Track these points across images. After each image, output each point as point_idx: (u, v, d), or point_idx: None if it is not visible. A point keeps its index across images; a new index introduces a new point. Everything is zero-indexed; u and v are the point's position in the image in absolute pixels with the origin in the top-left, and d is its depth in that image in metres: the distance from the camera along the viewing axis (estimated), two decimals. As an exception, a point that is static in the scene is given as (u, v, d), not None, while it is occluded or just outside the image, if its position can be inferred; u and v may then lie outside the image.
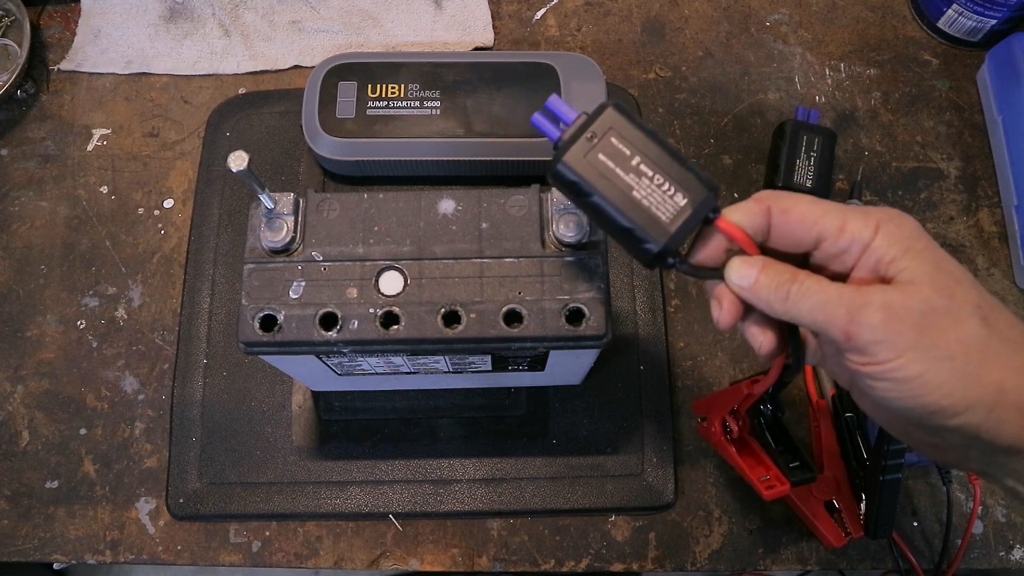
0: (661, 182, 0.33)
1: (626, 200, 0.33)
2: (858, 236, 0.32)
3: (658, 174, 0.33)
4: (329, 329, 0.39)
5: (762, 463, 0.48)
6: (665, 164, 0.34)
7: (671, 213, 0.33)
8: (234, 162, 0.36)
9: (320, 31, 0.66)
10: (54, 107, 0.64)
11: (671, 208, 0.33)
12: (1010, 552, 0.53)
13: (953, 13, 0.63)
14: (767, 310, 0.33)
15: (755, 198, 0.34)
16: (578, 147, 0.34)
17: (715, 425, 0.48)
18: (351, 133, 0.57)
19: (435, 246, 0.40)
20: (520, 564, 0.53)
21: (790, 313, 0.32)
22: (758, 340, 0.35)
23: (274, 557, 0.53)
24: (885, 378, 0.31)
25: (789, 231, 0.33)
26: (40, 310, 0.59)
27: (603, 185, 0.33)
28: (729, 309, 0.35)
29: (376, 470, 0.54)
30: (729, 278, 0.34)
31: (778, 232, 0.34)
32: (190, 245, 0.59)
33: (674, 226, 0.33)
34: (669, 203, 0.33)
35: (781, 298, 0.32)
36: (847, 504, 0.51)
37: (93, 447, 0.55)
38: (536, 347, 0.40)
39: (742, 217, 0.34)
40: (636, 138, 0.34)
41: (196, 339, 0.57)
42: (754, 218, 0.34)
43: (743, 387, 0.44)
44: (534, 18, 0.67)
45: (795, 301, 0.32)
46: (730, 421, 0.48)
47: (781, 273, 0.33)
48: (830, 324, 0.31)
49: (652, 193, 0.33)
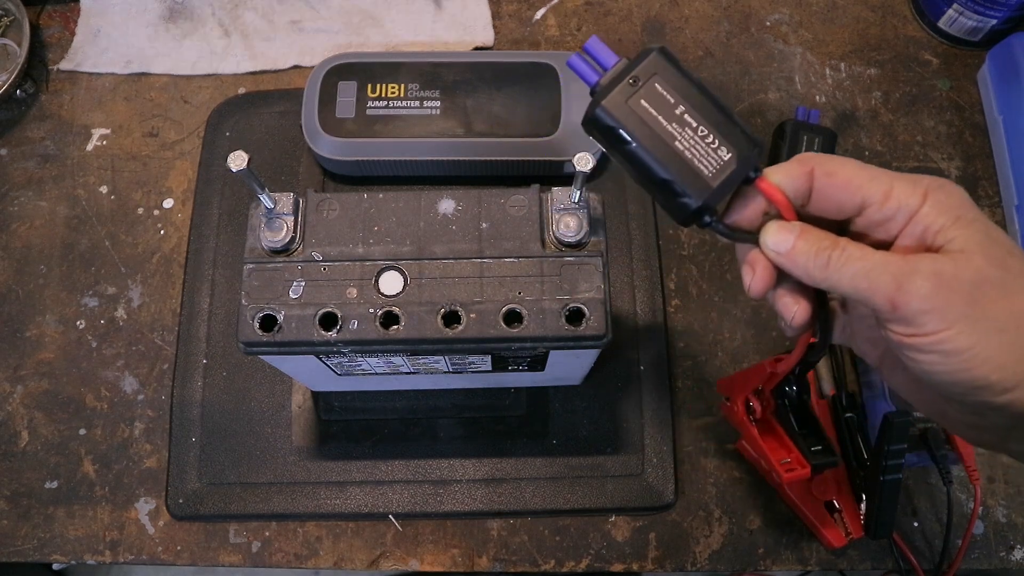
0: (705, 134, 0.31)
1: (667, 151, 0.31)
2: (905, 203, 0.31)
3: (703, 125, 0.32)
4: (329, 329, 0.39)
5: (784, 446, 0.47)
6: (711, 115, 0.32)
7: (714, 167, 0.32)
8: (234, 162, 0.36)
9: (320, 31, 0.66)
10: (54, 107, 0.64)
11: (714, 162, 0.32)
12: (1011, 552, 0.53)
13: (954, 13, 0.63)
14: (804, 278, 0.32)
15: (798, 159, 0.33)
16: (618, 92, 0.32)
17: (738, 405, 0.47)
18: (351, 133, 0.56)
19: (435, 246, 0.40)
20: (520, 564, 0.53)
21: (829, 280, 0.31)
22: (791, 310, 0.33)
23: (274, 557, 0.53)
24: (932, 350, 0.29)
25: (832, 195, 0.32)
26: (40, 310, 0.58)
27: (643, 133, 0.31)
28: (762, 276, 0.33)
29: (376, 470, 0.54)
30: (764, 243, 0.32)
31: (820, 196, 0.32)
32: (190, 245, 0.59)
33: (716, 181, 0.31)
34: (712, 157, 0.31)
35: (821, 264, 0.31)
36: (847, 504, 0.51)
37: (93, 447, 0.55)
38: (536, 347, 0.40)
39: (783, 178, 0.32)
40: (682, 86, 0.32)
41: (196, 339, 0.57)
42: (796, 180, 0.32)
43: (766, 365, 0.43)
44: (534, 18, 0.67)
45: (836, 268, 0.31)
46: (753, 401, 0.46)
47: (821, 239, 0.31)
48: (874, 292, 0.30)
49: (695, 145, 0.31)
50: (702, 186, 0.32)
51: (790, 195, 0.32)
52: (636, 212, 0.59)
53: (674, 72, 0.32)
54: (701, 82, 0.32)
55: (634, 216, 0.59)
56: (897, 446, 0.48)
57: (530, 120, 0.57)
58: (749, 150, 0.32)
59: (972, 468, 0.50)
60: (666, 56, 0.32)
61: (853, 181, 0.31)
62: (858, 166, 0.32)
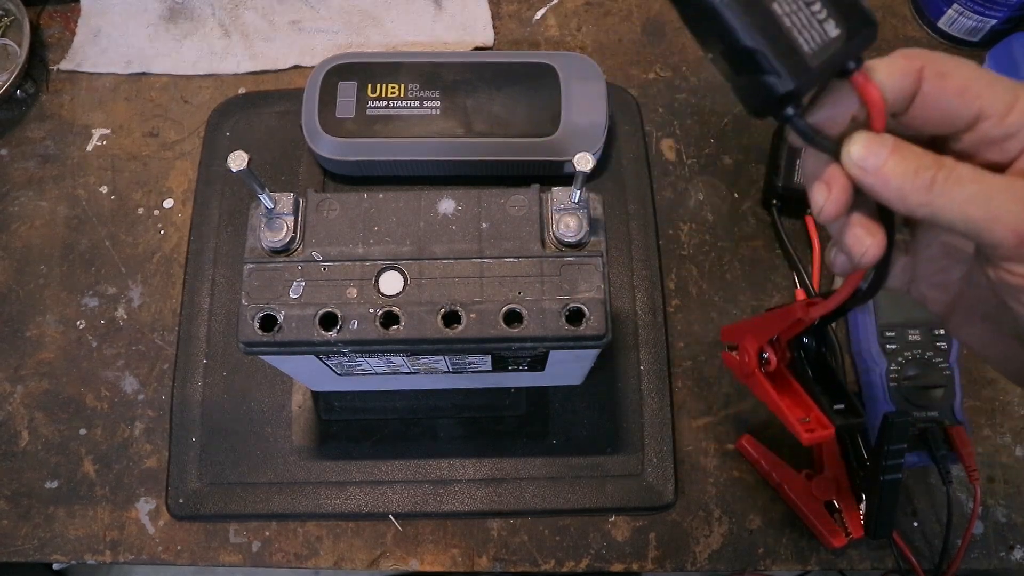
0: (812, 1, 0.25)
1: (761, 11, 0.25)
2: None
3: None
4: (329, 329, 0.39)
5: (801, 403, 0.41)
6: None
7: (817, 44, 0.25)
8: (234, 162, 0.36)
9: (320, 31, 0.66)
10: (54, 107, 0.64)
11: (819, 37, 0.26)
12: (1010, 552, 0.53)
13: (953, 13, 0.63)
14: (897, 203, 0.26)
15: (903, 54, 0.27)
16: None
17: (749, 354, 0.41)
18: (351, 133, 0.56)
19: (435, 246, 0.40)
20: (520, 564, 0.53)
21: (933, 205, 0.26)
22: (863, 244, 0.28)
23: (274, 557, 0.53)
24: None
25: (942, 102, 0.27)
26: (40, 310, 0.58)
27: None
28: (839, 197, 0.27)
29: (376, 470, 0.54)
30: (849, 156, 0.27)
31: (927, 102, 0.27)
32: (190, 245, 0.59)
33: (817, 60, 0.25)
34: (817, 30, 0.26)
35: (923, 186, 0.26)
36: (847, 504, 0.51)
37: (93, 447, 0.55)
38: (536, 347, 0.40)
39: (887, 76, 0.27)
40: None
41: (196, 339, 0.57)
42: (902, 79, 0.27)
43: (796, 309, 0.36)
44: (534, 18, 0.67)
45: (942, 191, 0.25)
46: (768, 351, 0.41)
47: (921, 156, 0.26)
48: (995, 222, 0.25)
49: (799, 11, 0.25)
50: (797, 65, 0.25)
51: (889, 100, 0.27)
52: (636, 212, 0.60)
53: None
54: None
55: (634, 216, 0.59)
56: (897, 446, 0.48)
57: (530, 120, 0.57)
58: (864, 27, 0.26)
59: (972, 468, 0.51)
60: None
61: (971, 87, 0.26)
62: (977, 68, 0.27)
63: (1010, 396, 0.56)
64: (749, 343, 0.42)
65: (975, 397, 0.56)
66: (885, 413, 0.49)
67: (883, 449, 0.48)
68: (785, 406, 0.41)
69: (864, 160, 0.27)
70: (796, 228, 0.60)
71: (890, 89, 0.27)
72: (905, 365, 0.52)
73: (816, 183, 0.28)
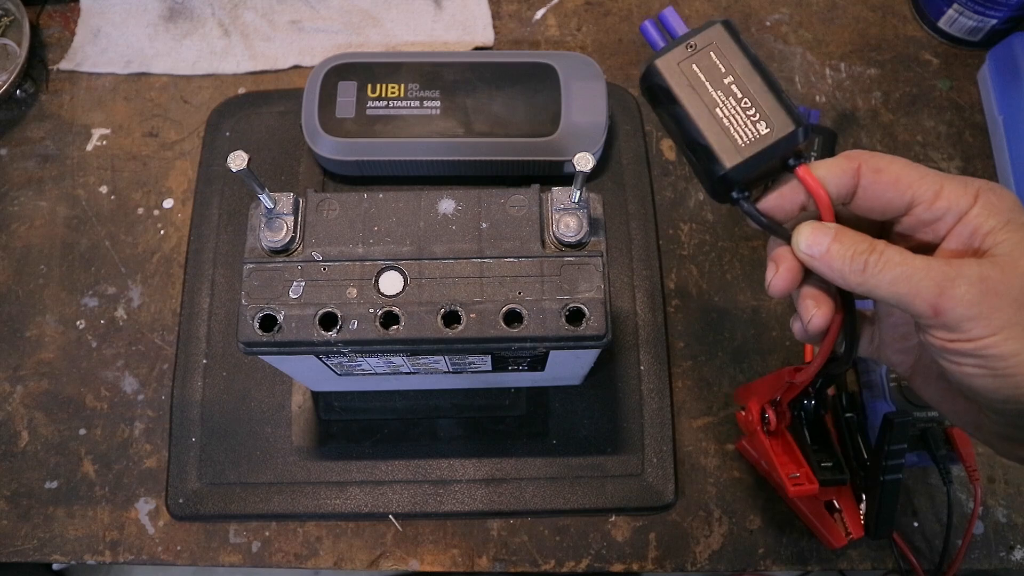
0: (748, 106, 0.32)
1: (707, 115, 0.33)
2: (955, 204, 0.30)
3: (748, 98, 0.32)
4: (329, 329, 0.39)
5: (794, 460, 0.46)
6: (759, 92, 0.33)
7: (748, 138, 0.32)
8: (234, 162, 0.36)
9: (320, 31, 0.66)
10: (53, 107, 0.64)
11: (751, 133, 0.32)
12: (1011, 552, 0.53)
13: (954, 13, 0.63)
14: (839, 281, 0.31)
15: (845, 155, 0.32)
16: (673, 54, 0.33)
17: (752, 414, 0.46)
18: (351, 133, 0.56)
19: (435, 246, 0.40)
20: (520, 564, 0.53)
21: (867, 285, 0.30)
22: (809, 312, 0.33)
23: (274, 557, 0.53)
24: (976, 355, 0.29)
25: (879, 193, 0.31)
26: (40, 310, 0.58)
27: (687, 95, 0.33)
28: (785, 275, 0.33)
29: (376, 470, 0.54)
30: (797, 244, 0.32)
31: (867, 194, 0.31)
32: (190, 245, 0.59)
33: (746, 153, 0.32)
34: (750, 128, 0.32)
35: (857, 269, 0.30)
36: (847, 504, 0.51)
37: (93, 447, 0.55)
38: (536, 347, 0.40)
39: (827, 173, 0.32)
40: (736, 60, 0.33)
41: (196, 339, 0.57)
42: (841, 175, 0.31)
43: (785, 374, 0.42)
44: (534, 18, 0.67)
45: (874, 272, 0.30)
46: (769, 411, 0.46)
47: (858, 242, 0.30)
48: (915, 297, 0.29)
49: (736, 115, 0.32)
50: (731, 154, 0.32)
51: (833, 192, 0.32)
52: (636, 212, 0.59)
53: (732, 45, 0.33)
54: (758, 60, 0.33)
55: (634, 216, 0.59)
56: (897, 446, 0.48)
57: (530, 120, 0.57)
58: (790, 129, 0.32)
59: (972, 468, 0.50)
60: (728, 29, 0.33)
61: (903, 179, 0.31)
62: (907, 164, 0.31)
63: (1010, 396, 0.56)
64: (753, 404, 0.47)
65: (975, 397, 0.56)
66: (885, 413, 0.49)
67: (883, 449, 0.48)
68: (779, 463, 0.46)
69: (810, 247, 0.31)
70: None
71: (832, 183, 0.32)
72: (905, 365, 0.52)
73: (769, 262, 0.34)
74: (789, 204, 0.33)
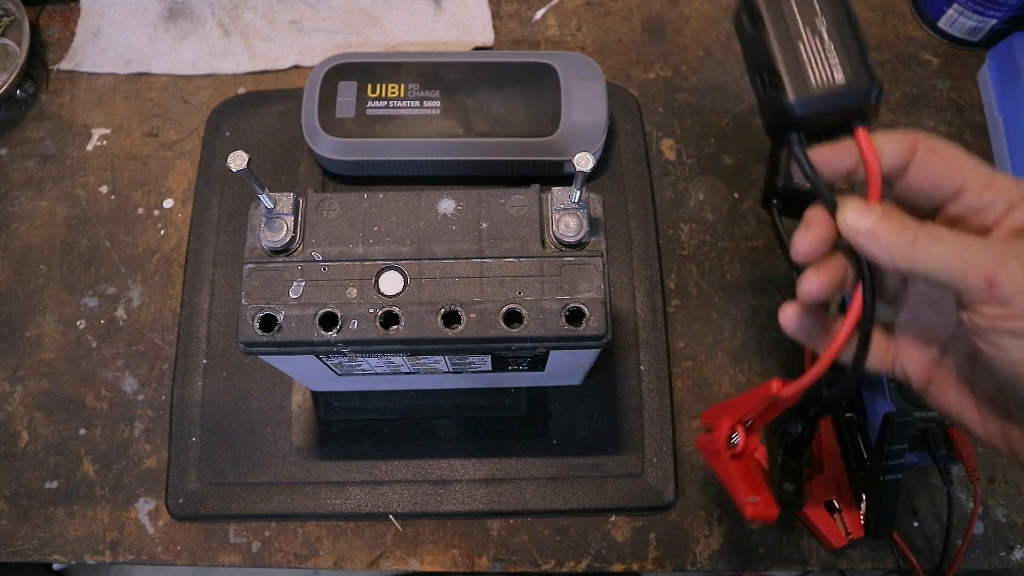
0: (831, 51, 0.33)
1: (789, 44, 0.33)
2: (1007, 193, 0.30)
3: (834, 43, 0.33)
4: (329, 329, 0.39)
5: (755, 484, 0.41)
6: (846, 40, 0.33)
7: (822, 80, 0.33)
8: (234, 162, 0.36)
9: (320, 31, 0.66)
10: (53, 107, 0.64)
11: (826, 77, 0.33)
12: (1011, 552, 0.53)
13: (954, 13, 0.63)
14: (883, 258, 0.30)
15: (903, 132, 0.32)
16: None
17: (720, 431, 0.41)
18: (351, 133, 0.56)
19: (435, 246, 0.40)
20: (520, 564, 0.53)
21: (915, 259, 0.29)
22: (816, 277, 0.33)
23: (274, 557, 0.53)
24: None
25: (932, 171, 0.31)
26: (39, 310, 0.58)
27: (775, 20, 0.34)
28: (814, 240, 0.33)
29: (376, 470, 0.54)
30: (843, 217, 0.31)
31: (918, 171, 0.31)
32: (190, 245, 0.59)
33: (816, 92, 0.33)
34: (827, 71, 0.33)
35: (906, 243, 0.29)
36: (847, 504, 0.51)
37: (92, 447, 0.55)
38: (536, 347, 0.40)
39: (884, 143, 0.32)
40: (834, 4, 0.34)
41: (196, 339, 0.57)
42: (897, 148, 0.31)
43: (771, 385, 0.37)
44: (534, 18, 0.67)
45: (924, 247, 0.29)
46: (740, 432, 0.41)
47: (905, 218, 0.30)
48: (968, 270, 0.28)
49: (817, 54, 0.33)
50: (801, 89, 0.33)
51: (886, 164, 0.32)
52: (636, 212, 0.59)
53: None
54: (853, 12, 0.34)
55: (634, 216, 0.59)
56: (897, 446, 0.48)
57: (530, 120, 0.57)
58: (864, 85, 0.32)
59: (972, 468, 0.50)
60: None
61: (956, 162, 0.31)
62: (962, 150, 0.31)
63: (1010, 396, 0.56)
64: (724, 422, 0.42)
65: (975, 397, 0.56)
66: (885, 413, 0.49)
67: (883, 449, 0.48)
68: (741, 488, 0.41)
69: (858, 220, 0.31)
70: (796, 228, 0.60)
71: (887, 153, 0.32)
72: (905, 365, 0.52)
73: (801, 226, 0.33)
74: (839, 162, 0.33)
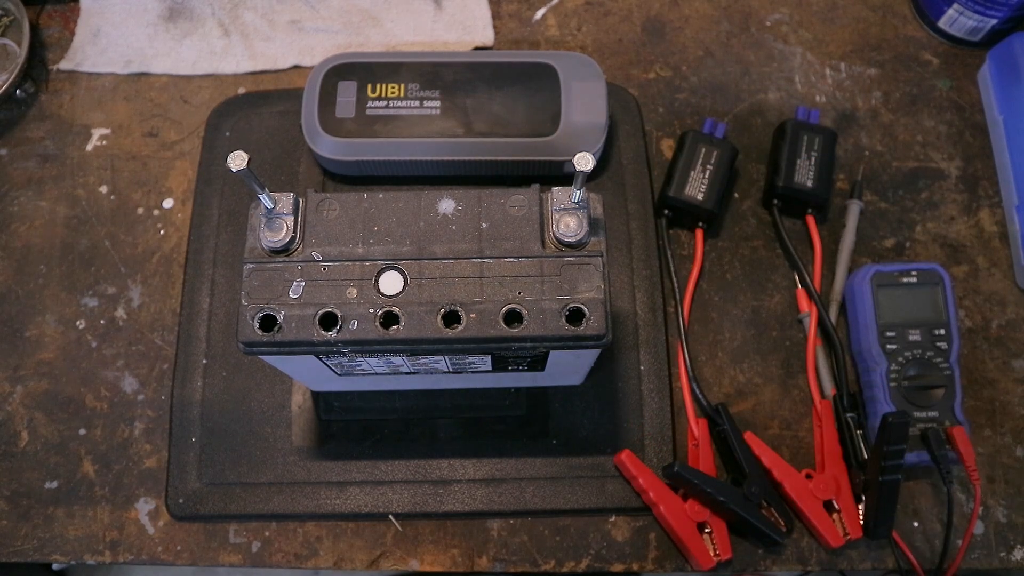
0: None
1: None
2: None
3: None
4: (329, 329, 0.39)
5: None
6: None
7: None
8: (234, 162, 0.36)
9: (320, 31, 0.66)
10: (53, 107, 0.64)
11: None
12: (1011, 553, 0.53)
13: (954, 13, 0.63)
14: None
15: None
16: None
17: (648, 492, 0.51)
18: (351, 133, 0.56)
19: (435, 246, 0.40)
20: (520, 564, 0.53)
21: None
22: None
23: (274, 557, 0.53)
24: None
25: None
26: (39, 310, 0.58)
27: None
28: None
29: (376, 470, 0.54)
30: None
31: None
32: (190, 245, 0.59)
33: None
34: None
35: None
36: (847, 504, 0.51)
37: (92, 447, 0.55)
38: (536, 347, 0.40)
39: None
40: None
41: (196, 339, 0.57)
42: None
43: (693, 508, 0.50)
44: (534, 18, 0.67)
45: None
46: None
47: None
48: None
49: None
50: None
51: None
52: (636, 212, 0.59)
53: None
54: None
55: (634, 216, 0.59)
56: (897, 446, 0.48)
57: (530, 120, 0.57)
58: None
59: (972, 468, 0.50)
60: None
61: None
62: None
63: (1010, 396, 0.56)
64: (648, 486, 0.52)
65: (975, 397, 0.56)
66: (885, 413, 0.49)
67: (883, 449, 0.48)
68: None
69: None
70: (796, 228, 0.60)
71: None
72: (905, 365, 0.52)
73: None
74: None
